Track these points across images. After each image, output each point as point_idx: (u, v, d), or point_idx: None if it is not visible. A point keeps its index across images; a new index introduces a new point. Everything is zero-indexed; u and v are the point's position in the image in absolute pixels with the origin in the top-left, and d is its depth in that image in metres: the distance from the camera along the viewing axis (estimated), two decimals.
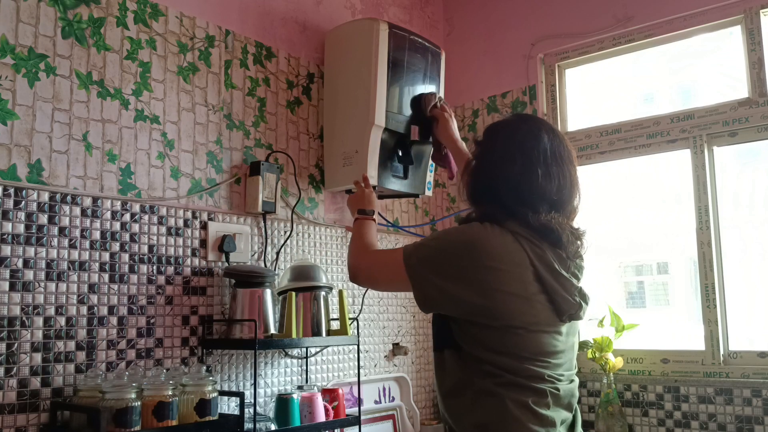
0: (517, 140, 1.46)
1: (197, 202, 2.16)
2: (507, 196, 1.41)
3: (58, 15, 1.87)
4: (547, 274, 1.35)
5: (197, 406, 1.82)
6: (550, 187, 1.41)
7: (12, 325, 1.69)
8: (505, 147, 1.46)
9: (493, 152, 1.48)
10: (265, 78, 2.42)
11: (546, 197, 1.40)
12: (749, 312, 2.50)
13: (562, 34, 2.88)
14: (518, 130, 1.49)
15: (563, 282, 1.37)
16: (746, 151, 2.61)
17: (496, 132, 1.53)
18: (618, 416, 2.50)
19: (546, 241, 1.37)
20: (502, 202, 1.42)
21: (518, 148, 1.44)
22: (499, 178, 1.44)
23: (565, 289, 1.37)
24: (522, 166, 1.42)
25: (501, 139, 1.49)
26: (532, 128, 1.48)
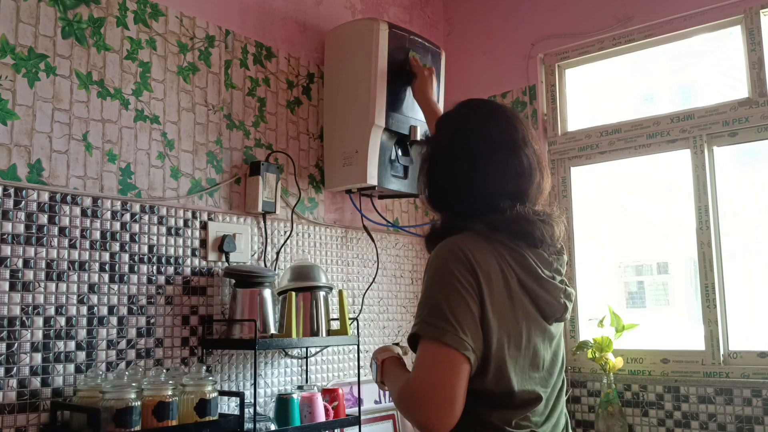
0: (461, 134, 1.36)
1: (197, 202, 2.16)
2: (464, 199, 1.32)
3: (58, 15, 1.87)
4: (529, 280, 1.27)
5: (197, 406, 1.82)
6: (506, 178, 1.30)
7: (12, 325, 1.69)
8: (450, 144, 1.36)
9: (440, 151, 1.38)
10: (265, 78, 2.42)
11: (505, 190, 1.29)
12: (749, 312, 2.50)
13: (562, 34, 2.88)
14: (462, 123, 1.38)
15: (547, 286, 1.29)
16: (746, 151, 2.61)
17: (441, 127, 1.42)
18: (618, 416, 2.50)
19: (522, 242, 1.28)
20: (462, 206, 1.32)
21: (463, 143, 1.33)
22: (451, 179, 1.34)
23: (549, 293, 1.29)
24: (470, 162, 1.31)
25: (446, 135, 1.39)
26: (477, 117, 1.37)
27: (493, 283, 1.22)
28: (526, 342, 1.26)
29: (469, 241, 1.25)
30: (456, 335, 1.16)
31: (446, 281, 1.21)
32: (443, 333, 1.16)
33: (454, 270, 1.21)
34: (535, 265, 1.28)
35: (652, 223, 2.87)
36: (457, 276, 1.20)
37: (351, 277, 2.65)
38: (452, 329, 1.16)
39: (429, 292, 1.23)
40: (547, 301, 1.28)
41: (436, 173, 1.37)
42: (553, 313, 1.30)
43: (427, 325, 1.19)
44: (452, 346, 1.15)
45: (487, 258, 1.24)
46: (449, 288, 1.20)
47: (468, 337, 1.17)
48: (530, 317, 1.27)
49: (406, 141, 2.53)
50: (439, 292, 1.21)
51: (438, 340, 1.16)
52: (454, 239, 1.26)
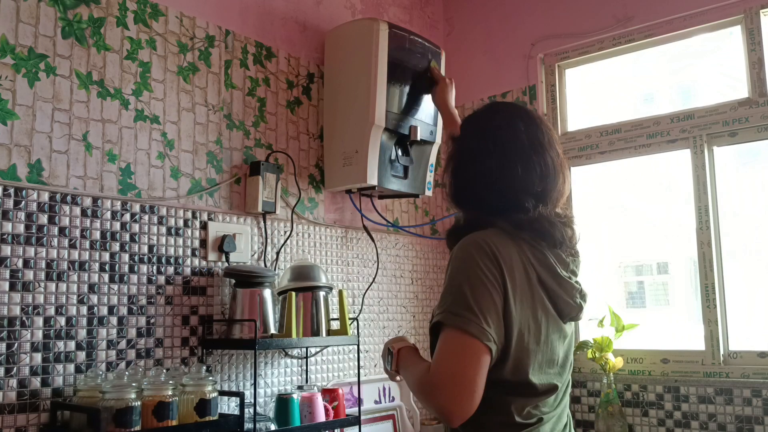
0: (490, 133, 1.38)
1: (197, 202, 2.16)
2: (489, 196, 1.34)
3: (58, 15, 1.87)
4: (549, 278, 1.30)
5: (197, 406, 1.82)
6: (532, 178, 1.33)
7: (12, 325, 1.69)
8: (479, 143, 1.38)
9: (468, 150, 1.40)
10: (265, 78, 2.42)
11: (530, 191, 1.32)
12: (749, 312, 2.50)
13: (562, 34, 2.88)
14: (491, 122, 1.41)
15: (565, 285, 1.32)
16: (746, 151, 2.61)
17: (469, 126, 1.45)
18: (618, 416, 2.50)
19: (543, 242, 1.31)
20: (486, 204, 1.35)
21: (492, 142, 1.36)
22: (478, 177, 1.36)
23: (567, 293, 1.32)
24: (499, 161, 1.33)
25: (474, 134, 1.41)
26: (505, 117, 1.40)
27: (516, 278, 1.25)
28: (545, 337, 1.29)
29: (494, 236, 1.28)
30: (479, 325, 1.18)
31: (471, 272, 1.23)
32: (467, 322, 1.18)
33: (479, 261, 1.23)
34: (554, 263, 1.31)
35: (652, 223, 2.87)
36: (481, 267, 1.22)
37: (351, 277, 2.65)
38: (476, 319, 1.18)
39: (453, 281, 1.25)
40: (564, 300, 1.32)
41: (462, 170, 1.40)
42: (568, 312, 1.33)
43: (451, 315, 1.20)
44: (475, 336, 1.17)
45: (511, 253, 1.27)
46: (474, 278, 1.22)
47: (491, 327, 1.19)
48: (548, 314, 1.30)
49: (406, 141, 2.53)
50: (464, 282, 1.23)
51: (461, 329, 1.18)
52: (479, 234, 1.29)
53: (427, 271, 3.01)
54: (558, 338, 1.33)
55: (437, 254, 3.09)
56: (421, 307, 2.95)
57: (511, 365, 1.24)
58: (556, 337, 1.32)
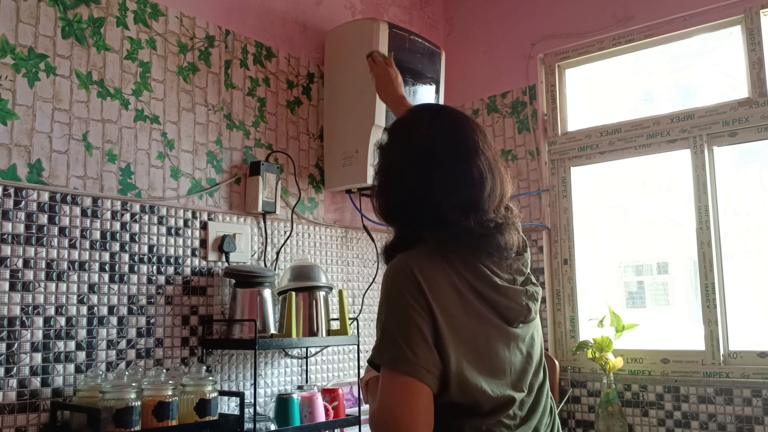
0: (410, 144, 1.32)
1: (197, 202, 2.16)
2: (414, 212, 1.28)
3: (58, 15, 1.87)
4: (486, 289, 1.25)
5: (197, 406, 1.82)
6: (457, 189, 1.26)
7: (12, 325, 1.69)
8: (399, 155, 1.32)
9: (389, 164, 1.34)
10: (265, 78, 2.42)
11: (456, 202, 1.25)
12: (749, 312, 2.50)
13: (562, 34, 2.88)
14: (410, 132, 1.34)
15: (505, 291, 1.27)
16: (746, 151, 2.61)
17: (391, 137, 1.38)
18: (618, 416, 2.50)
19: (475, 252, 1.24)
20: (413, 220, 1.29)
21: (411, 155, 1.30)
22: (401, 192, 1.30)
23: (509, 298, 1.27)
24: (420, 175, 1.27)
25: (395, 145, 1.35)
26: (425, 126, 1.34)
27: (445, 300, 1.21)
28: (487, 352, 1.24)
29: (419, 258, 1.24)
30: (408, 360, 1.16)
31: (396, 305, 1.20)
32: (396, 360, 1.16)
33: (403, 292, 1.20)
34: (489, 273, 1.26)
35: (652, 223, 2.87)
36: (406, 298, 1.19)
37: (351, 277, 2.65)
38: (404, 355, 1.16)
39: (381, 316, 1.23)
40: (507, 307, 1.26)
41: (386, 186, 1.34)
42: (515, 317, 1.28)
43: (380, 353, 1.19)
44: (406, 373, 1.15)
45: (437, 275, 1.22)
46: (399, 312, 1.20)
47: (420, 360, 1.16)
48: (490, 326, 1.25)
49: None
50: (390, 318, 1.20)
51: (392, 367, 1.17)
52: (404, 258, 1.25)
53: None
54: (507, 347, 1.27)
55: None
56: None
57: (455, 389, 1.20)
58: (504, 347, 1.26)
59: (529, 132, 2.91)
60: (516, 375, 1.27)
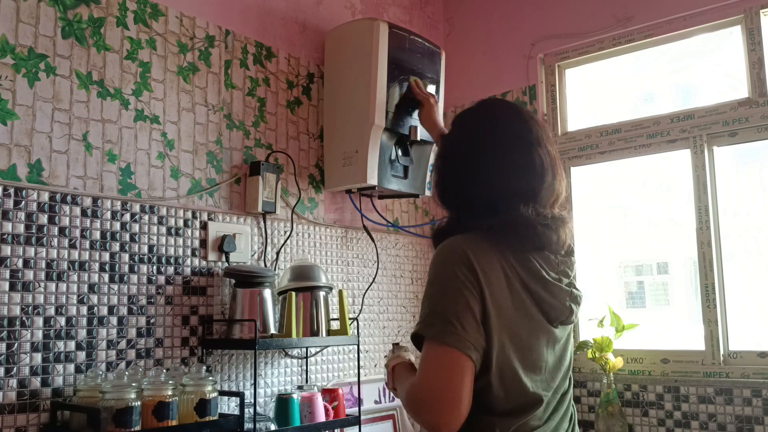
0: (478, 132, 1.35)
1: (197, 202, 2.16)
2: (476, 196, 1.31)
3: (58, 15, 1.87)
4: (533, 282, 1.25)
5: (197, 406, 1.82)
6: (519, 177, 1.28)
7: (12, 325, 1.69)
8: (466, 141, 1.35)
9: (455, 148, 1.37)
10: (265, 78, 2.42)
11: (516, 190, 1.28)
12: (749, 312, 2.50)
13: (562, 34, 2.88)
14: (477, 120, 1.38)
15: (551, 288, 1.27)
16: (746, 151, 2.61)
17: (455, 125, 1.42)
18: (618, 416, 2.50)
19: (527, 244, 1.25)
20: (472, 204, 1.31)
21: (481, 140, 1.32)
22: (465, 176, 1.32)
23: (554, 296, 1.27)
24: (484, 159, 1.30)
25: (463, 132, 1.39)
26: (493, 115, 1.37)
27: (494, 284, 1.21)
28: (527, 344, 1.24)
29: (472, 240, 1.24)
30: (456, 334, 1.15)
31: (447, 280, 1.21)
32: (444, 332, 1.16)
33: (454, 268, 1.20)
34: (539, 267, 1.26)
35: (652, 223, 2.87)
36: (457, 274, 1.20)
37: (351, 277, 2.65)
38: (452, 328, 1.16)
39: (430, 291, 1.23)
40: (551, 304, 1.27)
41: (448, 170, 1.37)
42: (557, 316, 1.28)
43: (427, 325, 1.19)
44: (453, 346, 1.15)
45: (490, 259, 1.22)
46: (449, 287, 1.20)
47: (469, 335, 1.16)
48: (533, 320, 1.25)
49: (406, 141, 2.53)
50: (440, 291, 1.21)
51: (439, 339, 1.16)
52: (457, 238, 1.26)
53: (426, 271, 3.00)
54: (545, 344, 1.27)
55: None
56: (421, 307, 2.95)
57: (495, 374, 1.20)
58: (543, 344, 1.27)
59: None
60: (549, 374, 1.28)
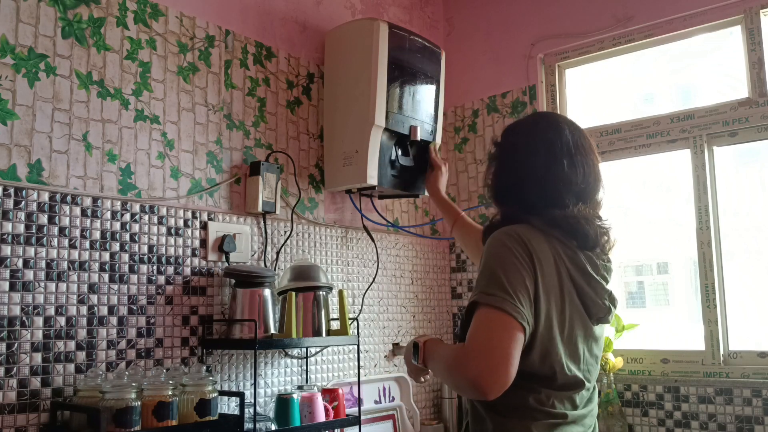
0: (538, 134, 1.44)
1: (197, 202, 2.16)
2: (532, 191, 1.39)
3: (58, 15, 1.87)
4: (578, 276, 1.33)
5: (197, 406, 1.82)
6: (576, 177, 1.38)
7: (12, 325, 1.69)
8: (527, 142, 1.45)
9: (515, 149, 1.46)
10: (265, 78, 2.42)
11: (572, 188, 1.38)
12: (749, 312, 2.50)
13: (562, 34, 2.88)
14: (537, 125, 1.48)
15: (594, 285, 1.35)
16: (746, 151, 2.61)
17: (516, 130, 1.51)
18: (618, 416, 2.50)
19: (575, 241, 1.34)
20: (527, 200, 1.39)
21: (540, 141, 1.42)
22: (523, 173, 1.42)
23: (596, 293, 1.35)
24: (546, 157, 1.39)
25: (521, 135, 1.48)
26: (552, 122, 1.47)
27: (545, 268, 1.28)
28: (569, 331, 1.31)
29: (526, 229, 1.33)
30: (513, 304, 1.21)
31: (504, 257, 1.27)
32: (501, 301, 1.21)
33: (511, 247, 1.28)
34: (584, 262, 1.34)
35: (652, 223, 2.87)
36: (514, 253, 1.27)
37: (351, 277, 2.65)
38: (510, 299, 1.22)
39: (487, 265, 1.29)
40: (593, 300, 1.34)
41: (507, 167, 1.45)
42: (596, 313, 1.35)
43: (486, 295, 1.24)
44: (509, 313, 1.20)
45: (542, 246, 1.31)
46: (507, 262, 1.26)
47: (524, 308, 1.22)
48: (575, 310, 1.33)
49: (406, 141, 2.52)
50: (498, 266, 1.27)
51: (496, 306, 1.21)
52: (511, 226, 1.34)
53: (427, 271, 3.01)
54: (584, 336, 1.35)
55: (437, 254, 3.09)
56: (421, 307, 2.95)
57: (538, 352, 1.27)
58: (582, 334, 1.34)
59: None
60: (586, 366, 1.35)
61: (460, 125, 3.14)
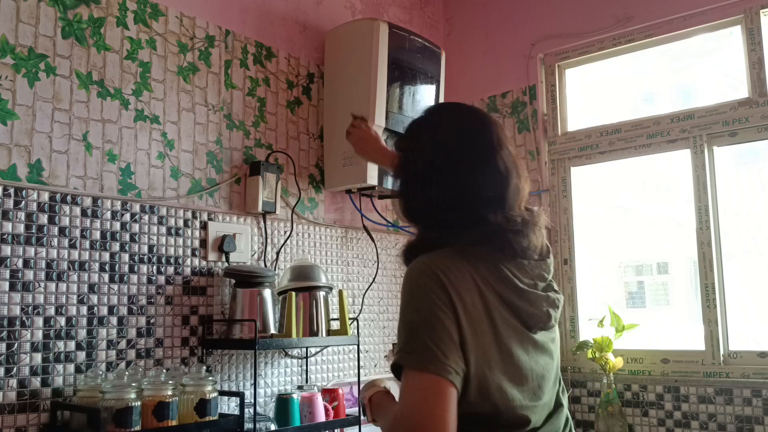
0: (435, 142, 1.30)
1: (197, 202, 2.16)
2: (443, 208, 1.25)
3: (58, 15, 1.87)
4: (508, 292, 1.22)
5: (197, 406, 1.82)
6: (483, 185, 1.24)
7: (12, 325, 1.69)
8: (425, 153, 1.30)
9: (414, 161, 1.31)
10: (265, 78, 2.42)
11: (483, 198, 1.24)
12: (749, 312, 2.50)
13: (562, 34, 2.88)
14: (438, 128, 1.32)
15: (528, 296, 1.24)
16: (746, 151, 2.61)
17: (417, 133, 1.36)
18: (618, 416, 2.50)
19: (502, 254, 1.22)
20: (437, 219, 1.26)
21: (439, 151, 1.28)
22: (428, 189, 1.27)
23: (531, 304, 1.24)
24: (447, 169, 1.25)
25: (419, 144, 1.33)
26: (454, 120, 1.32)
27: (467, 301, 1.18)
28: (508, 357, 1.22)
29: (442, 258, 1.21)
30: (437, 360, 1.13)
31: (421, 305, 1.18)
32: (424, 360, 1.13)
33: (428, 291, 1.17)
34: (512, 276, 1.23)
35: (652, 223, 2.87)
36: (431, 297, 1.17)
37: (351, 277, 2.65)
38: (432, 354, 1.13)
39: (405, 317, 1.20)
40: (528, 312, 1.24)
41: (410, 184, 1.32)
42: (536, 323, 1.25)
43: (407, 354, 1.16)
44: (435, 373, 1.12)
45: (462, 275, 1.20)
46: (424, 311, 1.17)
47: (449, 359, 1.13)
48: (512, 330, 1.23)
49: None
50: (415, 317, 1.18)
51: (420, 367, 1.13)
52: (427, 258, 1.23)
53: None
54: (527, 353, 1.25)
55: None
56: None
57: (474, 393, 1.17)
58: (524, 352, 1.24)
59: (529, 132, 2.92)
60: (536, 382, 1.25)
61: None
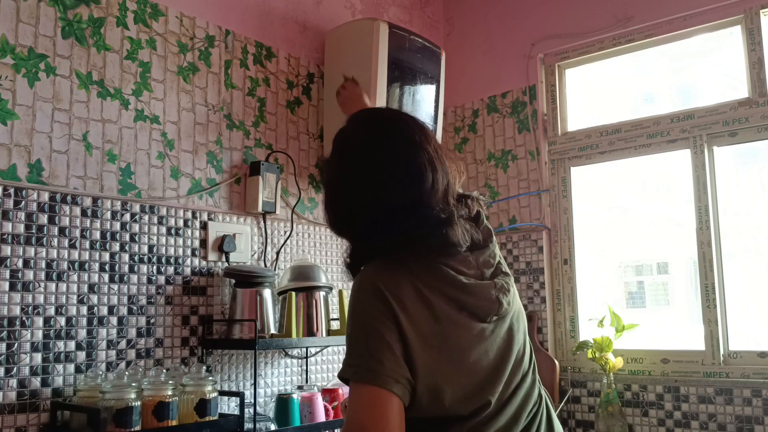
0: (347, 152, 1.30)
1: (197, 202, 2.16)
2: (362, 219, 1.25)
3: (58, 15, 1.87)
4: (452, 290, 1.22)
5: (197, 406, 1.82)
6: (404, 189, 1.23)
7: (12, 325, 1.69)
8: (339, 164, 1.30)
9: (332, 174, 1.31)
10: (265, 78, 2.42)
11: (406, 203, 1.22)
12: (749, 312, 2.50)
13: (562, 34, 2.88)
14: (346, 139, 1.32)
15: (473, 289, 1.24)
16: (746, 151, 2.61)
17: (332, 148, 1.35)
18: (618, 416, 2.50)
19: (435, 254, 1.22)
20: (365, 230, 1.26)
21: (350, 161, 1.28)
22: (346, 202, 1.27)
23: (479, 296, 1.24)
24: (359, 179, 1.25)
25: (335, 156, 1.32)
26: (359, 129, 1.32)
27: (411, 310, 1.19)
28: (459, 356, 1.22)
29: (380, 269, 1.22)
30: (375, 371, 1.14)
31: (361, 319, 1.19)
32: (363, 371, 1.15)
33: (367, 307, 1.19)
34: (454, 273, 1.23)
35: (652, 223, 2.87)
36: (371, 312, 1.18)
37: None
38: (370, 366, 1.14)
39: (348, 332, 1.21)
40: (476, 305, 1.24)
41: (331, 198, 1.31)
42: (487, 312, 1.25)
43: (347, 366, 1.17)
44: (374, 384, 1.13)
45: (400, 283, 1.20)
46: (365, 326, 1.18)
47: (387, 369, 1.14)
48: (461, 327, 1.23)
49: None
50: (357, 332, 1.19)
51: (360, 379, 1.14)
52: (365, 272, 1.24)
53: None
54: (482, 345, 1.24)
55: None
56: None
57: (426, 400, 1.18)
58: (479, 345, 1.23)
59: (529, 132, 2.91)
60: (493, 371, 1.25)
61: (460, 125, 3.14)
